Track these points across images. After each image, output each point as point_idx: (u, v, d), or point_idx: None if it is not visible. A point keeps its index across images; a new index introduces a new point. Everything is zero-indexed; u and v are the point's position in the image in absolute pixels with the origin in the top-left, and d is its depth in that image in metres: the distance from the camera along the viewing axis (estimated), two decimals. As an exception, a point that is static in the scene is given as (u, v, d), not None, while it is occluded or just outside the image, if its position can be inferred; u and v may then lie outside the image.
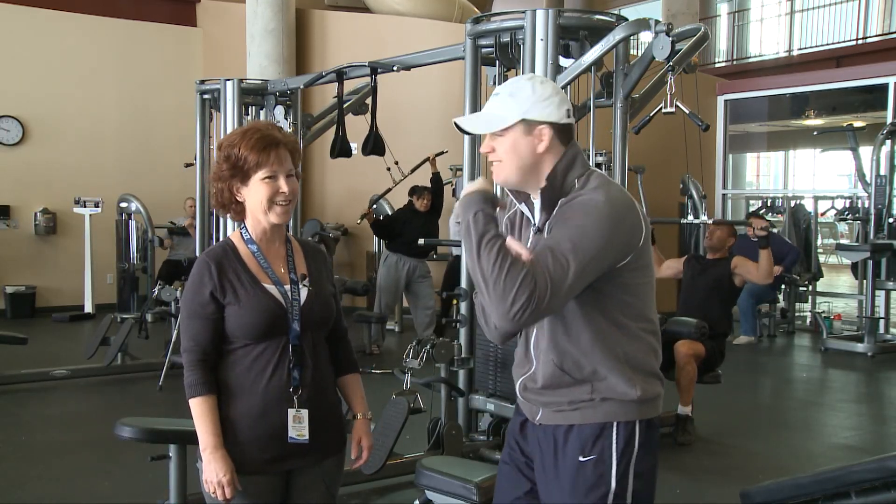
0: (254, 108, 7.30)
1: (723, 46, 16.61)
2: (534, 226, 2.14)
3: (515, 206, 2.21)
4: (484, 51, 4.93)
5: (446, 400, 4.62)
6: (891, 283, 8.64)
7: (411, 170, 7.95)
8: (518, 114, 2.06)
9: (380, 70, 6.00)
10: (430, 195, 8.22)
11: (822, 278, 11.00)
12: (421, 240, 6.74)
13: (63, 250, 10.89)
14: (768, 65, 14.86)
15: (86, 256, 10.50)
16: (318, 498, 2.32)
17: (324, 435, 2.28)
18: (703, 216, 8.26)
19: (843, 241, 13.76)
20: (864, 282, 8.84)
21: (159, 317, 8.77)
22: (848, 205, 10.76)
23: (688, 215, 9.33)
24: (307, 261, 2.37)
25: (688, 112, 4.85)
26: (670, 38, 4.34)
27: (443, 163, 9.55)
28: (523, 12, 4.58)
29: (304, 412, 2.23)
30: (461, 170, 5.19)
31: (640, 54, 4.73)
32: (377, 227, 8.33)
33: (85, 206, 10.36)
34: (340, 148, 6.29)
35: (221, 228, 7.29)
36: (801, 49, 15.51)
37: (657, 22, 4.44)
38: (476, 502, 2.91)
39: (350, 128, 6.39)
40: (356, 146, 6.50)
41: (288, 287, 2.26)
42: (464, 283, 5.00)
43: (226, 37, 11.65)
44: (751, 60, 15.99)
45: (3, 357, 7.00)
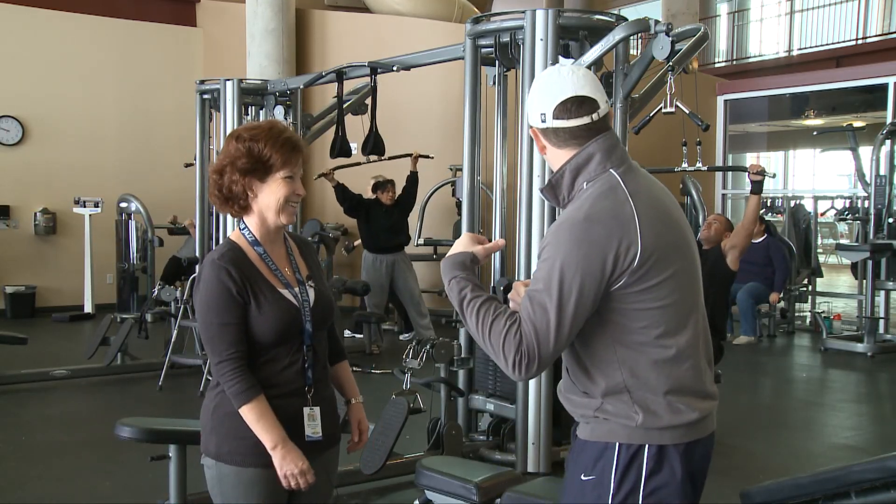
0: (253, 108, 7.30)
1: (723, 46, 16.61)
2: None
3: None
4: (484, 51, 4.93)
5: (446, 400, 4.62)
6: (890, 283, 8.63)
7: (390, 157, 7.81)
8: (529, 119, 1.99)
9: (379, 70, 6.01)
10: (394, 189, 8.15)
11: (821, 277, 11.00)
12: (421, 239, 6.74)
13: (63, 250, 10.88)
14: (768, 65, 14.86)
15: (86, 256, 10.49)
16: (321, 487, 2.35)
17: (327, 427, 2.31)
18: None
19: (843, 240, 13.77)
20: (864, 282, 8.83)
21: (159, 317, 8.76)
22: (848, 205, 10.76)
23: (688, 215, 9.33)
24: (304, 258, 2.39)
25: (688, 112, 4.86)
26: (670, 38, 4.34)
27: (443, 162, 9.58)
28: (523, 12, 4.58)
29: (317, 409, 2.27)
30: (461, 170, 5.18)
31: (639, 54, 4.73)
32: (339, 190, 8.13)
33: (85, 206, 10.35)
34: (340, 148, 6.30)
35: (221, 228, 7.29)
36: (800, 49, 15.51)
37: (657, 22, 4.44)
38: (476, 502, 2.91)
39: (350, 128, 6.39)
40: (356, 146, 6.51)
41: (297, 289, 2.28)
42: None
43: (226, 37, 11.64)
44: (751, 60, 15.99)
45: (3, 357, 7.00)
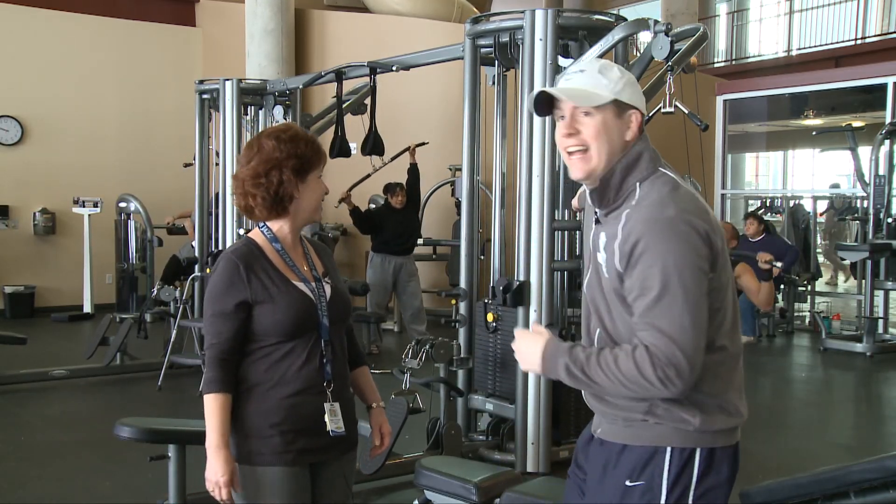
0: (253, 107, 7.29)
1: (722, 46, 16.62)
2: (595, 213, 1.93)
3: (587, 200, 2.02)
4: (483, 51, 4.93)
5: (445, 400, 4.62)
6: (889, 283, 8.64)
7: (391, 157, 7.85)
8: (611, 93, 1.82)
9: (379, 70, 6.00)
10: (404, 191, 8.11)
11: (820, 278, 11.00)
12: (421, 239, 6.72)
13: (62, 250, 10.88)
14: (767, 65, 14.86)
15: (85, 256, 10.49)
16: (340, 490, 2.37)
17: (347, 429, 2.32)
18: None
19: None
20: (864, 282, 8.84)
21: (158, 317, 8.75)
22: (847, 205, 10.76)
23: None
24: (321, 259, 2.44)
25: (687, 112, 4.85)
26: (669, 38, 4.34)
27: (442, 162, 9.57)
28: (522, 12, 4.58)
29: (337, 405, 2.28)
30: (460, 170, 5.18)
31: (639, 54, 4.73)
32: (356, 215, 8.13)
33: (84, 206, 10.35)
34: (340, 148, 6.29)
35: (220, 228, 7.28)
36: (800, 49, 15.51)
37: (656, 22, 4.44)
38: (475, 502, 2.91)
39: (349, 128, 6.39)
40: (355, 146, 6.50)
41: (313, 284, 2.31)
42: (463, 283, 5.00)
43: (225, 37, 11.64)
44: (750, 60, 16.00)
45: (2, 357, 6.99)
